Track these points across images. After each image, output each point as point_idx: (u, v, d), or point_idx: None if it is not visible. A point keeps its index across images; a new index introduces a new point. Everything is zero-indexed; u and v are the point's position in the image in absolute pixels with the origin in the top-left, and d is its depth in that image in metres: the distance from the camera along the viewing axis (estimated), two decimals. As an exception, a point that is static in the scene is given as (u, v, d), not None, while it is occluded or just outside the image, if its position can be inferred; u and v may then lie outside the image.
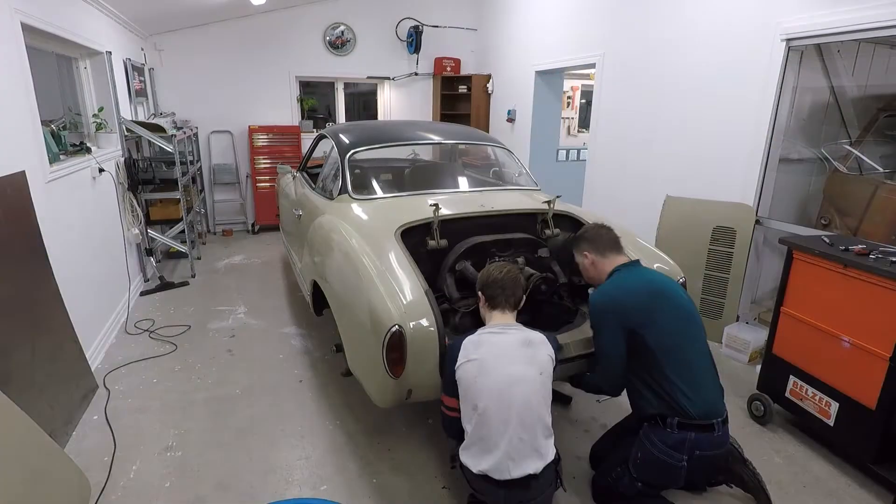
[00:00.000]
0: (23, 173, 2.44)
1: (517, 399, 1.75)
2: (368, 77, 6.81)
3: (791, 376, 2.53)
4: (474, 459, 1.78)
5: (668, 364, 1.87)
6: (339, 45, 6.54)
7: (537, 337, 1.88)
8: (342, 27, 6.49)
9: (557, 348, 1.93)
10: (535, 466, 1.75)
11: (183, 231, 4.69)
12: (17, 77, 2.56)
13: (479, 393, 1.76)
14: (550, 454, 1.79)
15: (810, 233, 2.94)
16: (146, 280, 4.57)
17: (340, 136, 3.35)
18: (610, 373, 2.01)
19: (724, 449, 1.92)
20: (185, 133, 4.99)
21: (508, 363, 1.79)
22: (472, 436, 1.79)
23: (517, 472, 1.73)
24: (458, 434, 1.87)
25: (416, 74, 6.91)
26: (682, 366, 1.88)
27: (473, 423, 1.78)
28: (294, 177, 4.18)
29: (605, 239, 2.13)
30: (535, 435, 1.76)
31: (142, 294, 4.29)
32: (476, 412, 1.76)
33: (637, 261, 2.11)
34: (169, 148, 4.34)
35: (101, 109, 3.95)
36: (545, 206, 2.67)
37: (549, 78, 5.68)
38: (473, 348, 1.82)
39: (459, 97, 6.83)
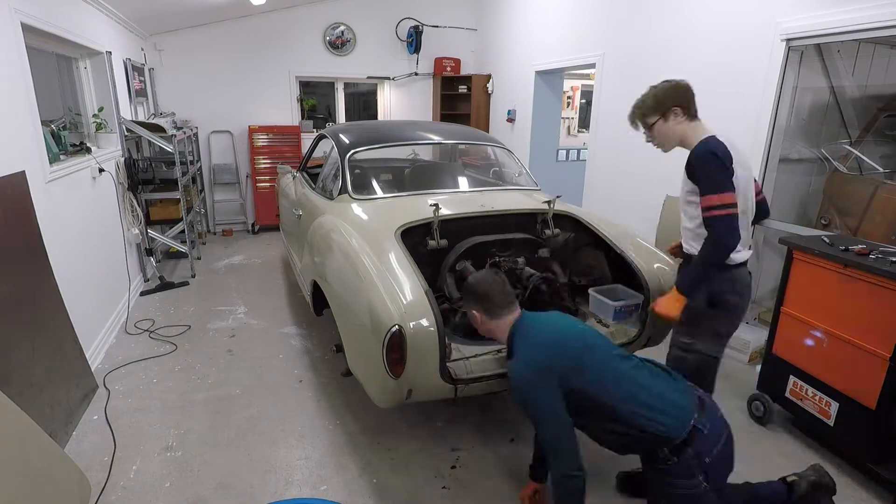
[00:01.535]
0: (23, 173, 2.44)
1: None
2: (368, 77, 6.81)
3: (791, 376, 2.52)
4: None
5: (619, 399, 1.69)
6: (339, 45, 6.54)
7: None
8: (342, 27, 6.49)
9: None
10: None
11: (183, 231, 4.69)
12: (17, 77, 2.56)
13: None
14: None
15: (810, 233, 2.93)
16: (146, 280, 4.57)
17: (340, 136, 3.35)
18: (567, 452, 1.69)
19: (725, 432, 1.72)
20: (185, 133, 4.99)
21: None
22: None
23: None
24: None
25: (416, 74, 6.91)
26: (632, 391, 1.70)
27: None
28: (294, 177, 4.19)
29: (498, 296, 1.87)
30: None
31: (142, 294, 4.29)
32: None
33: (524, 311, 1.92)
34: (169, 148, 4.34)
35: (101, 109, 3.95)
36: (545, 207, 2.67)
37: (549, 78, 5.67)
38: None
39: (459, 97, 6.83)
